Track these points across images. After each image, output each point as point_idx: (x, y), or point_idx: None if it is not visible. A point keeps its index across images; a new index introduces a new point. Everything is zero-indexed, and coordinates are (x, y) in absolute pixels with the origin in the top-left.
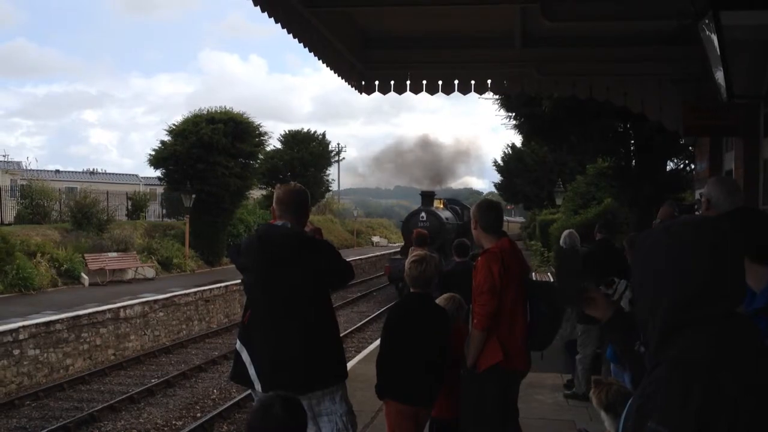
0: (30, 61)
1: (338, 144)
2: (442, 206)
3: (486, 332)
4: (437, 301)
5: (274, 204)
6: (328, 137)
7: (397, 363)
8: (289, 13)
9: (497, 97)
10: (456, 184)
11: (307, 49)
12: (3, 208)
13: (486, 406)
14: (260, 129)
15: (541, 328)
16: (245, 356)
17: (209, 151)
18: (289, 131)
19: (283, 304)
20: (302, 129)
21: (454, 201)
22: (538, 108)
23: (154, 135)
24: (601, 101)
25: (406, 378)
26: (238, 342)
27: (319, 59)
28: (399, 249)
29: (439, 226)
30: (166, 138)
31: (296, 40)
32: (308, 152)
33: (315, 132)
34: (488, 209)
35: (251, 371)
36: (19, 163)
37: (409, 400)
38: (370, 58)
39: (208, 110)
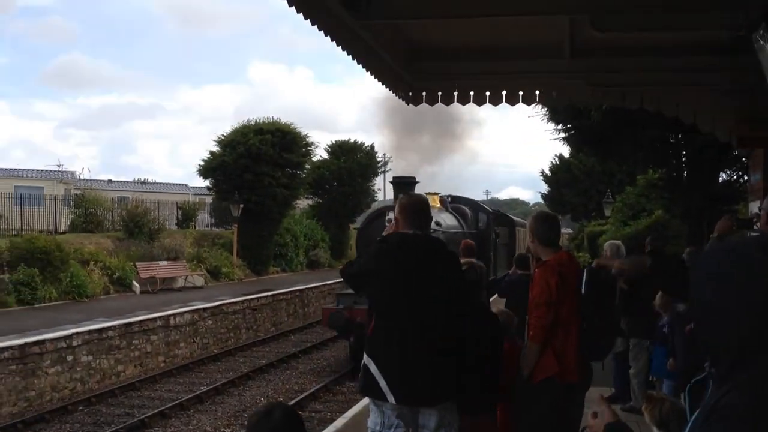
0: (84, 74)
1: (384, 154)
2: (438, 205)
3: (541, 345)
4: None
5: (397, 213)
6: (375, 148)
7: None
8: (338, 26)
9: (545, 112)
10: (502, 194)
11: (355, 60)
12: (57, 217)
13: (542, 420)
14: (307, 139)
15: (596, 339)
16: (373, 368)
17: (257, 162)
18: (335, 141)
19: (419, 315)
20: (349, 139)
21: (461, 199)
22: (587, 119)
23: (203, 145)
24: (651, 112)
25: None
26: (365, 355)
27: (366, 71)
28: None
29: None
30: (215, 148)
31: (344, 51)
32: (355, 162)
33: (362, 143)
34: (546, 222)
35: (382, 383)
36: (73, 173)
37: (463, 410)
38: (417, 69)
39: (255, 121)
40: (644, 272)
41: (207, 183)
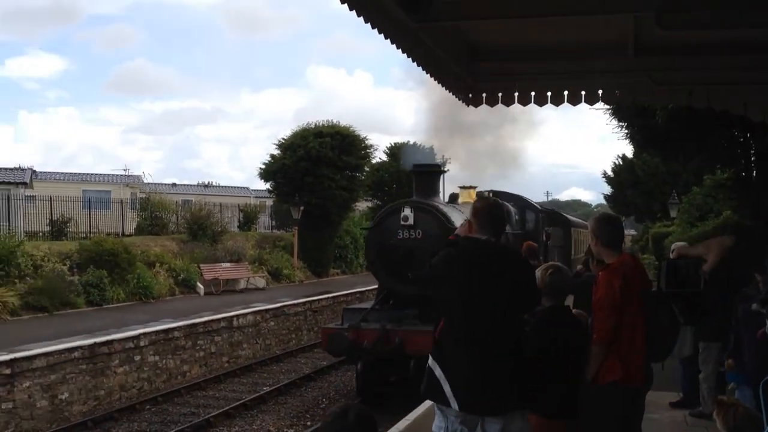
0: (148, 80)
1: (443, 156)
2: (473, 199)
3: (605, 348)
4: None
5: (471, 217)
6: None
7: (537, 376)
8: (398, 28)
9: (608, 107)
10: (563, 195)
11: (415, 63)
12: (124, 220)
13: (605, 423)
14: (366, 142)
15: (660, 340)
16: (438, 373)
17: (317, 164)
18: (395, 144)
19: (488, 321)
20: (408, 141)
21: (506, 195)
22: (652, 118)
23: (263, 149)
24: (718, 111)
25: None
26: (430, 358)
27: (426, 73)
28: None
29: (441, 235)
30: (276, 152)
31: (404, 54)
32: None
33: (421, 145)
34: (609, 224)
35: (446, 389)
36: (138, 177)
37: (553, 415)
38: (477, 71)
39: (315, 124)
40: (728, 249)
41: (268, 186)
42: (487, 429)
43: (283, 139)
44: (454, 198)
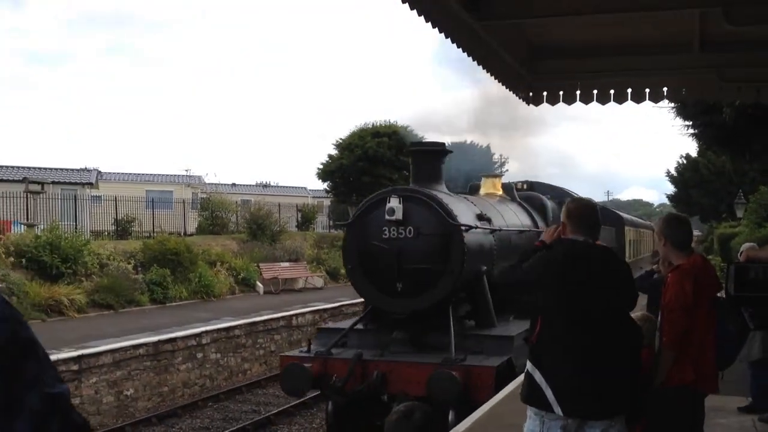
0: (205, 83)
1: (500, 155)
2: (499, 192)
3: (676, 351)
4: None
5: (564, 218)
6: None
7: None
8: (459, 27)
9: (672, 105)
10: (624, 195)
11: (475, 62)
12: (186, 220)
13: (673, 428)
14: (422, 141)
15: (728, 346)
16: (538, 378)
17: (374, 164)
18: (452, 143)
19: (590, 324)
20: (465, 141)
21: (542, 187)
22: (718, 116)
23: (321, 149)
24: None
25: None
26: (529, 363)
27: (487, 71)
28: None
29: (441, 234)
30: (333, 152)
31: (464, 52)
32: (472, 163)
33: (478, 144)
34: (678, 224)
35: (548, 393)
36: (199, 177)
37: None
38: (538, 69)
39: (373, 124)
40: None
41: (325, 186)
42: None
43: (341, 139)
44: (474, 189)
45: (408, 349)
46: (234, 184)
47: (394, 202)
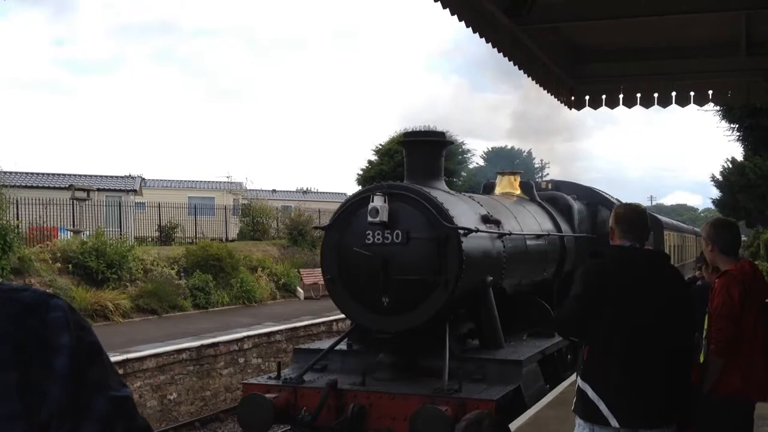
0: (248, 89)
1: (542, 160)
2: (517, 191)
3: (724, 359)
4: None
5: (612, 224)
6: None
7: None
8: (500, 32)
9: (717, 108)
10: (667, 200)
11: (516, 66)
12: (227, 226)
13: None
14: (463, 147)
15: None
16: (591, 394)
17: None
18: (492, 148)
19: (639, 332)
20: (505, 146)
21: (570, 187)
22: (765, 119)
23: (361, 155)
24: None
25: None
26: (580, 380)
27: (528, 76)
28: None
29: (435, 239)
30: (373, 158)
31: (506, 58)
32: (512, 168)
33: (519, 149)
34: (726, 229)
35: (602, 407)
36: (240, 183)
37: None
38: (580, 73)
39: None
40: None
41: None
42: None
43: (381, 144)
44: (490, 188)
45: (395, 375)
46: (274, 191)
47: (378, 201)
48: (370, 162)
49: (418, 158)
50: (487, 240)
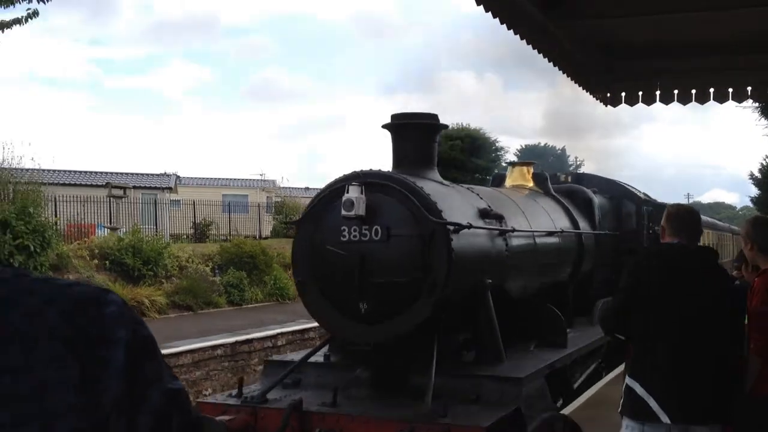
0: (282, 88)
1: (576, 158)
2: (529, 184)
3: (763, 358)
4: None
5: (663, 222)
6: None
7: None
8: (534, 28)
9: (756, 104)
10: (704, 198)
11: (551, 63)
12: (261, 223)
13: None
14: (496, 144)
15: None
16: (640, 390)
17: (446, 167)
18: (525, 146)
19: (686, 329)
20: (539, 143)
21: (591, 180)
22: None
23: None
24: None
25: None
26: (628, 377)
27: (563, 72)
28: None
29: (419, 237)
30: None
31: (540, 54)
32: (546, 166)
33: (553, 146)
34: (766, 227)
35: (652, 404)
36: (274, 182)
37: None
38: (616, 70)
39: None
40: None
41: None
42: None
43: None
44: (499, 180)
45: (374, 394)
46: (307, 188)
47: (353, 192)
48: None
49: (407, 144)
50: (485, 237)
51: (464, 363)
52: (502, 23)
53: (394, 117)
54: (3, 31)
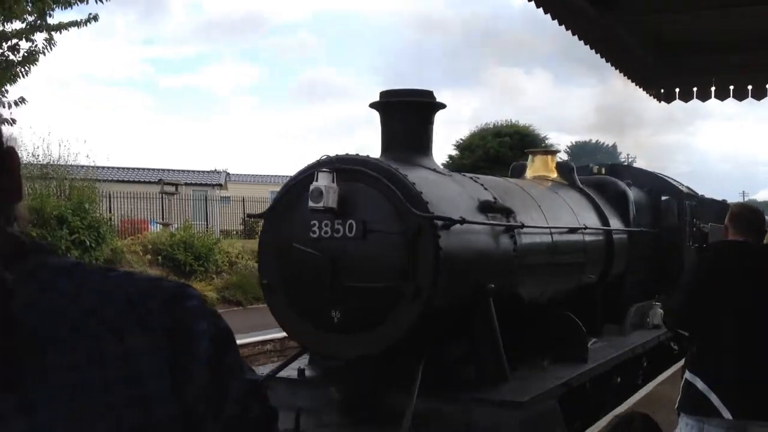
0: (329, 85)
1: (628, 155)
2: (553, 174)
3: None
4: None
5: (727, 221)
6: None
7: None
8: (586, 23)
9: None
10: (760, 195)
11: (604, 59)
12: None
13: None
14: (546, 141)
15: None
16: (701, 386)
17: (495, 164)
18: (576, 142)
19: (750, 324)
20: (590, 140)
21: (627, 171)
22: None
23: (442, 149)
24: None
25: None
26: (687, 372)
27: (615, 68)
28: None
29: (405, 233)
30: (453, 152)
31: (592, 50)
32: (597, 163)
33: (603, 142)
34: None
35: (713, 399)
36: None
37: None
38: (670, 65)
39: (494, 124)
40: None
41: None
42: None
43: (461, 139)
44: (519, 170)
45: (346, 418)
46: None
47: (323, 180)
48: (451, 157)
49: (396, 125)
50: (486, 234)
51: (460, 382)
52: (553, 19)
53: (382, 94)
54: (60, 33)
